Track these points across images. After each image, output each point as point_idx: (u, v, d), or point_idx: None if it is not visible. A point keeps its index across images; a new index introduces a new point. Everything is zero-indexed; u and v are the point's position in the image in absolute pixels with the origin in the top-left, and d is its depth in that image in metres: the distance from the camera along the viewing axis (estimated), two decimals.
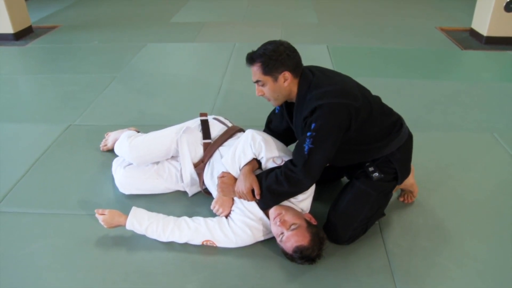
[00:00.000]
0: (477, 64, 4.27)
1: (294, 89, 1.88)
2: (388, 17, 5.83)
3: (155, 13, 6.07)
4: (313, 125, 1.76)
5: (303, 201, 1.92)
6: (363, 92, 1.92)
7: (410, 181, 2.16)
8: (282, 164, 1.91)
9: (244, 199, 1.92)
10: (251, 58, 1.85)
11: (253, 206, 1.92)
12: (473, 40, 4.80)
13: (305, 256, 1.74)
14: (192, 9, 6.31)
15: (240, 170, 1.96)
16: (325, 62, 4.04)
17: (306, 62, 1.93)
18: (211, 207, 2.01)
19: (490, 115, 3.14)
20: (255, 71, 1.85)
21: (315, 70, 1.92)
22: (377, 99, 2.01)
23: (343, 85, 1.86)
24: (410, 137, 2.03)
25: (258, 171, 1.97)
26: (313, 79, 1.85)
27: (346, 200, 1.95)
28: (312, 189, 1.94)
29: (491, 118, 3.09)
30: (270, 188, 1.84)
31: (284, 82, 1.84)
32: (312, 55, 4.25)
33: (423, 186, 2.31)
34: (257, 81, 1.88)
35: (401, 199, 2.22)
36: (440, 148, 2.71)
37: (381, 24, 5.48)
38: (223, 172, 2.01)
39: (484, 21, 4.63)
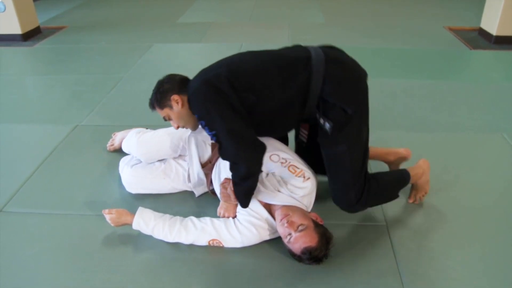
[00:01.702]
0: (486, 64, 4.23)
1: None
2: (395, 17, 5.79)
3: (161, 13, 6.08)
4: (197, 116, 1.83)
5: (305, 197, 1.91)
6: (240, 61, 1.89)
7: (426, 178, 2.11)
8: (280, 161, 1.94)
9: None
10: (150, 104, 2.01)
11: (258, 206, 1.92)
12: (482, 39, 4.76)
13: (313, 257, 1.73)
14: (199, 9, 6.31)
15: None
16: None
17: None
18: (217, 214, 2.01)
19: (499, 115, 3.11)
20: (158, 111, 1.99)
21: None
22: (270, 55, 1.90)
23: (205, 69, 1.92)
24: (329, 61, 1.79)
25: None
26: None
27: (328, 170, 1.93)
28: (313, 184, 1.94)
29: (500, 118, 3.06)
30: (234, 183, 1.86)
31: (178, 105, 1.90)
32: None
33: (431, 186, 2.29)
34: (164, 118, 1.99)
35: (411, 200, 2.19)
36: (448, 149, 2.68)
37: (388, 24, 5.44)
38: (225, 178, 2.00)
39: (494, 20, 4.58)
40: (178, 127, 1.99)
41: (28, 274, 1.82)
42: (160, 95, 1.93)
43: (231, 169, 1.83)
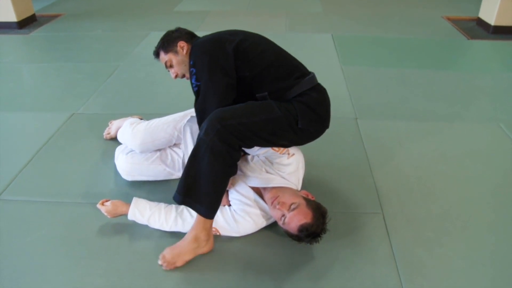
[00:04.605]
0: (483, 54, 4.23)
1: None
2: (394, 6, 5.77)
3: (158, 2, 6.03)
4: (191, 62, 1.91)
5: (292, 174, 1.91)
6: (254, 42, 1.96)
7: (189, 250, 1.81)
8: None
9: None
10: (155, 52, 2.12)
11: (245, 189, 1.94)
12: (480, 29, 4.75)
13: (311, 233, 1.71)
14: None
15: None
16: (329, 51, 3.99)
17: (310, 50, 1.93)
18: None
19: (496, 105, 3.11)
20: (161, 58, 2.09)
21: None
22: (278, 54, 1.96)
23: (222, 31, 2.04)
24: (315, 88, 1.89)
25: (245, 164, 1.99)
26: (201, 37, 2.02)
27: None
28: (298, 160, 1.93)
29: (497, 108, 3.06)
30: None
31: (183, 51, 2.02)
32: (317, 44, 4.22)
33: (427, 176, 2.30)
34: (166, 64, 2.08)
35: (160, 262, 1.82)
36: (445, 139, 2.69)
37: (386, 13, 5.42)
38: None
39: (492, 10, 4.58)
40: (176, 76, 2.08)
41: (24, 262, 1.82)
42: (168, 40, 2.06)
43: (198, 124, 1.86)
